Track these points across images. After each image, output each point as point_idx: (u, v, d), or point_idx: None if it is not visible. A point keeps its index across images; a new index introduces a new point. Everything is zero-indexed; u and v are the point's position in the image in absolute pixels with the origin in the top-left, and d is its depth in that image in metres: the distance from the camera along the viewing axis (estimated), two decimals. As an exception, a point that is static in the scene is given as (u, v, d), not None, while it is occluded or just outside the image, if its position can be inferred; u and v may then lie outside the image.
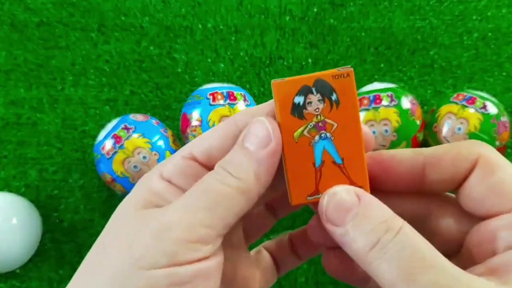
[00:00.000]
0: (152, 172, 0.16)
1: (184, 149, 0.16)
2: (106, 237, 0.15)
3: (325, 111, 0.15)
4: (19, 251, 0.34)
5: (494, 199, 0.14)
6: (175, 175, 0.15)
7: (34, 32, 0.44)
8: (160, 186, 0.15)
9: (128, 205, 0.15)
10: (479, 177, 0.14)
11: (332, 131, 0.15)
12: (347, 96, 0.15)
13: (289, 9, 0.45)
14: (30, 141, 0.40)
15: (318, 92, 0.15)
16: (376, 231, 0.13)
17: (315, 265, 0.36)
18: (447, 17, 0.45)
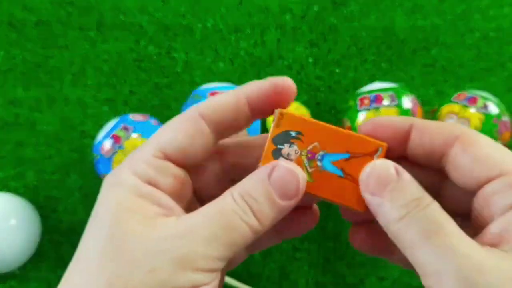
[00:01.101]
0: (124, 172, 0.15)
1: (152, 144, 0.16)
2: (90, 244, 0.14)
3: (301, 145, 0.17)
4: (17, 251, 0.34)
5: (479, 168, 0.15)
6: (153, 176, 0.15)
7: (32, 31, 0.43)
8: (145, 190, 0.15)
9: (114, 211, 0.15)
10: (461, 148, 0.15)
11: (321, 148, 0.17)
12: (297, 123, 0.17)
13: (290, 8, 0.45)
14: (29, 141, 0.40)
15: (284, 143, 0.17)
16: (408, 206, 0.15)
17: (315, 267, 0.36)
18: (448, 16, 0.45)
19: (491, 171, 0.15)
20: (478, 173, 0.15)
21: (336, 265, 0.36)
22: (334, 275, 0.36)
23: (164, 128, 0.16)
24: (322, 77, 0.43)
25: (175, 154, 0.16)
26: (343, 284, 0.36)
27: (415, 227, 0.14)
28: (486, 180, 0.15)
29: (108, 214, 0.15)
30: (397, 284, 0.36)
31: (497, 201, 0.14)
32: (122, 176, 0.15)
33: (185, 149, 0.16)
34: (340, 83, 0.43)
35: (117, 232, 0.14)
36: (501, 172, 0.15)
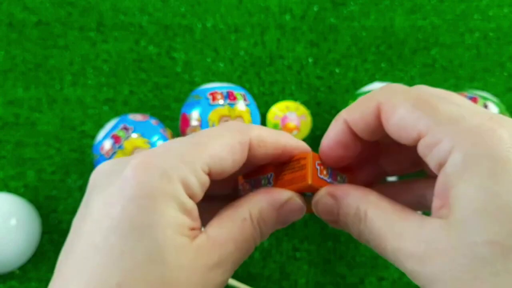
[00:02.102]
0: (174, 182, 0.14)
1: (203, 157, 0.15)
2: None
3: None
4: (17, 251, 0.34)
5: (403, 135, 0.15)
6: (198, 192, 0.15)
7: (33, 31, 0.43)
8: (189, 206, 0.15)
9: (174, 228, 0.14)
10: (384, 119, 0.16)
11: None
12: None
13: (290, 8, 0.45)
14: (29, 141, 0.40)
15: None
16: (353, 223, 0.17)
17: (315, 266, 0.36)
18: (448, 17, 0.45)
19: (412, 136, 0.15)
20: (404, 138, 0.15)
21: (336, 265, 0.36)
22: (334, 275, 0.36)
23: (214, 139, 0.16)
24: (322, 77, 0.43)
25: (217, 173, 0.16)
26: (343, 284, 0.36)
27: (371, 241, 0.16)
28: (413, 144, 0.15)
29: (159, 228, 0.14)
30: (397, 284, 0.36)
31: (428, 163, 0.15)
32: (174, 186, 0.14)
33: (227, 171, 0.16)
34: (340, 83, 0.42)
35: (159, 249, 0.14)
36: (419, 134, 0.15)
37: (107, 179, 0.15)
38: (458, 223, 0.13)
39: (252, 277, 0.36)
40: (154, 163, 0.14)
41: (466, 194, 0.13)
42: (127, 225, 0.14)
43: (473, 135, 0.13)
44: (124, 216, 0.14)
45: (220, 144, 0.16)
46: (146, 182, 0.14)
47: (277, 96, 0.42)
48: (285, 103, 0.41)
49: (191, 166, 0.15)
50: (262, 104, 0.41)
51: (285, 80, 0.43)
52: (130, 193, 0.14)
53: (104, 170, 0.16)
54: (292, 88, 0.42)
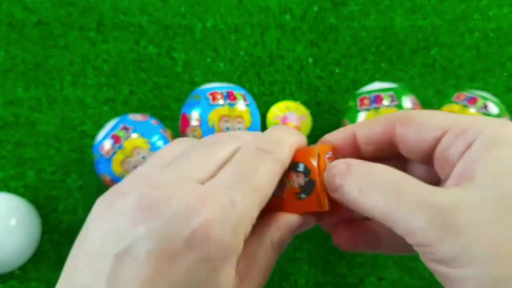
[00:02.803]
0: (238, 235, 0.15)
1: (259, 205, 0.16)
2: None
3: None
4: (17, 251, 0.34)
5: (425, 134, 0.17)
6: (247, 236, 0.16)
7: (33, 31, 0.43)
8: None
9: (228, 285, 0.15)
10: (402, 127, 0.17)
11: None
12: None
13: (290, 8, 0.45)
14: (29, 141, 0.40)
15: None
16: (361, 181, 0.16)
17: (316, 267, 0.36)
18: (448, 16, 0.45)
19: (436, 133, 0.16)
20: (426, 140, 0.16)
21: (336, 265, 0.36)
22: (334, 275, 0.36)
23: (261, 176, 0.16)
24: (322, 77, 0.43)
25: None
26: (343, 284, 0.36)
27: (378, 196, 0.15)
28: (435, 143, 0.16)
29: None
30: (397, 284, 0.36)
31: (452, 153, 0.16)
32: (238, 243, 0.15)
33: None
34: (340, 83, 0.43)
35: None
36: (444, 130, 0.16)
37: (177, 230, 0.14)
38: (483, 184, 0.14)
39: (252, 277, 0.36)
40: (224, 221, 0.14)
41: (492, 162, 0.14)
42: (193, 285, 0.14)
43: (497, 125, 0.15)
44: (191, 278, 0.14)
45: (267, 182, 0.16)
46: (217, 242, 0.14)
47: (277, 96, 0.42)
48: (285, 103, 0.41)
49: (253, 219, 0.16)
50: (262, 104, 0.41)
51: (285, 80, 0.43)
52: (200, 253, 0.14)
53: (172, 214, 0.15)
54: (292, 88, 0.42)
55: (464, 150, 0.15)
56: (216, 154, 0.17)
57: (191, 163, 0.16)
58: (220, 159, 0.17)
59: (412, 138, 0.17)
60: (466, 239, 0.13)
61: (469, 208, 0.14)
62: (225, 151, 0.17)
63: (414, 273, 0.36)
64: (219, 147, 0.17)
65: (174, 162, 0.17)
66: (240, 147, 0.17)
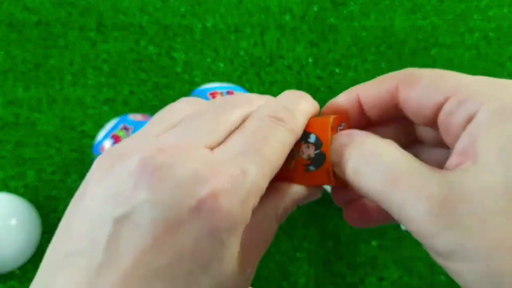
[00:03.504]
0: (251, 206, 0.15)
1: (269, 177, 0.15)
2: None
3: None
4: (17, 251, 0.34)
5: (426, 100, 0.15)
6: None
7: (33, 31, 0.43)
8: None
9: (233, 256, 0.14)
10: (405, 89, 0.16)
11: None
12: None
13: (290, 8, 0.45)
14: (29, 141, 0.40)
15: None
16: (362, 156, 0.15)
17: (316, 267, 0.36)
18: (448, 17, 0.45)
19: (439, 99, 0.15)
20: (428, 106, 0.15)
21: (336, 265, 0.36)
22: (334, 275, 0.36)
23: (272, 148, 0.15)
24: (322, 77, 0.43)
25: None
26: (343, 284, 0.36)
27: (376, 177, 0.14)
28: (437, 109, 0.15)
29: (225, 264, 0.14)
30: (397, 284, 0.36)
31: (454, 122, 0.14)
32: (247, 215, 0.14)
33: None
34: (340, 83, 0.43)
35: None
36: (446, 95, 0.15)
37: (189, 202, 0.13)
38: (488, 166, 0.13)
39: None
40: (236, 190, 0.14)
41: (498, 139, 0.13)
42: (198, 259, 0.13)
43: (504, 89, 0.14)
44: (195, 248, 0.13)
45: (278, 154, 0.15)
46: (227, 212, 0.13)
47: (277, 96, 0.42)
48: (285, 103, 0.41)
49: (263, 190, 0.15)
50: (262, 104, 0.42)
51: (285, 80, 0.43)
52: (207, 224, 0.13)
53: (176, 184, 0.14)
54: (292, 88, 0.42)
55: (466, 121, 0.14)
56: (226, 118, 0.16)
57: (199, 127, 0.15)
58: (230, 125, 0.16)
59: (415, 103, 0.16)
60: (464, 233, 0.12)
61: (469, 198, 0.13)
62: (235, 116, 0.16)
63: (414, 273, 0.36)
64: (229, 111, 0.16)
65: (181, 125, 0.15)
66: (251, 112, 0.16)
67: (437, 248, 0.13)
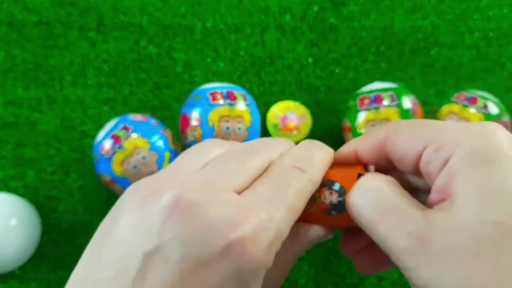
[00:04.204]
0: (273, 252, 0.15)
1: (291, 222, 0.16)
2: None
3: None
4: (17, 251, 0.34)
5: (406, 152, 0.17)
6: None
7: (33, 31, 0.43)
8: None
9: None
10: (389, 143, 0.17)
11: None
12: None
13: (290, 8, 0.45)
14: (29, 141, 0.40)
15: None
16: (366, 192, 0.17)
17: (316, 267, 0.36)
18: (448, 17, 0.45)
19: (418, 149, 0.16)
20: (409, 156, 0.17)
21: (336, 265, 0.37)
22: (334, 275, 0.36)
23: (294, 194, 0.16)
24: (322, 77, 0.43)
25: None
26: (343, 284, 0.36)
27: (366, 210, 0.16)
28: (417, 158, 0.16)
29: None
30: (397, 284, 0.36)
31: (432, 168, 0.16)
32: (270, 260, 0.15)
33: None
34: (340, 83, 0.43)
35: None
36: (424, 144, 0.16)
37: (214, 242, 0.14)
38: (462, 206, 0.14)
39: (252, 277, 0.36)
40: (263, 236, 0.14)
41: (470, 181, 0.14)
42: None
43: (476, 134, 0.15)
44: (219, 286, 0.14)
45: (298, 200, 0.16)
46: (253, 257, 0.14)
47: (277, 96, 0.42)
48: (285, 103, 0.41)
49: (285, 235, 0.15)
50: (262, 104, 0.42)
51: (285, 80, 0.43)
52: (233, 266, 0.14)
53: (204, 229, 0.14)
54: (292, 88, 0.43)
55: (442, 166, 0.15)
56: (251, 164, 0.16)
57: (227, 171, 0.16)
58: (255, 171, 0.16)
59: (399, 153, 0.17)
60: (438, 269, 0.13)
61: (445, 235, 0.13)
62: (259, 162, 0.17)
63: (414, 273, 0.36)
64: (254, 157, 0.17)
65: (210, 166, 0.16)
66: (273, 159, 0.17)
67: (414, 281, 0.14)
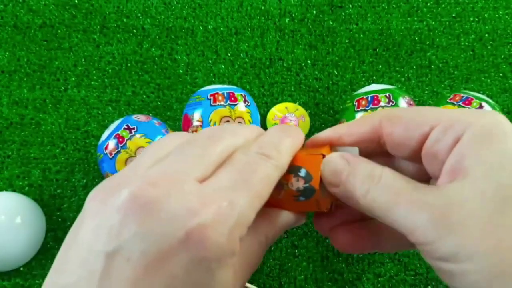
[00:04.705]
0: (234, 238, 0.14)
1: (256, 208, 0.16)
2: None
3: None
4: (23, 249, 0.34)
5: (413, 131, 0.17)
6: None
7: (37, 33, 0.44)
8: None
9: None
10: (389, 125, 0.17)
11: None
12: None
13: (289, 11, 0.45)
14: (34, 141, 0.40)
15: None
16: (364, 181, 0.16)
17: (314, 263, 0.37)
18: (444, 19, 0.45)
19: (424, 129, 0.16)
20: (413, 137, 0.16)
21: (335, 261, 0.37)
22: (332, 272, 0.37)
23: (260, 179, 0.16)
24: (320, 78, 0.43)
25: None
26: (341, 280, 0.36)
27: (379, 197, 0.16)
28: (423, 139, 0.16)
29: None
30: (394, 280, 0.36)
31: (440, 148, 0.16)
32: (234, 245, 0.14)
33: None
34: (338, 85, 0.43)
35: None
36: (431, 125, 0.16)
37: (177, 227, 0.14)
38: (479, 176, 0.14)
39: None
40: (222, 222, 0.14)
41: (485, 155, 0.14)
42: (188, 284, 0.14)
43: (485, 116, 0.15)
44: (186, 278, 0.13)
45: (264, 183, 0.16)
46: (213, 243, 0.14)
47: (276, 97, 0.42)
48: (284, 104, 0.41)
49: (250, 220, 0.15)
50: (262, 105, 0.42)
51: (285, 81, 0.43)
52: (195, 254, 0.14)
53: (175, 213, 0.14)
54: (291, 89, 0.43)
55: (453, 144, 0.15)
56: (213, 151, 0.16)
57: (189, 160, 0.15)
58: (218, 158, 0.16)
59: (400, 136, 0.17)
60: (463, 236, 0.13)
61: (464, 205, 0.14)
62: (222, 148, 0.16)
63: (410, 270, 0.37)
64: (216, 143, 0.16)
65: (170, 157, 0.16)
66: (238, 145, 0.17)
67: (440, 253, 0.14)
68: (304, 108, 0.41)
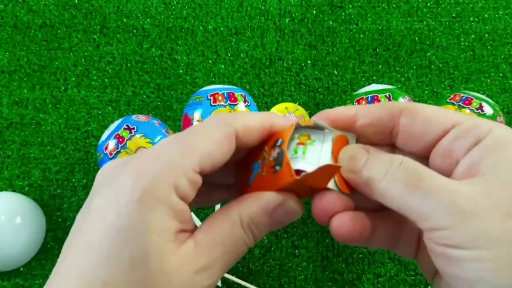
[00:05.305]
0: (164, 186, 0.15)
1: (193, 157, 0.16)
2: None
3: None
4: (23, 249, 0.35)
5: (435, 125, 0.17)
6: (190, 193, 0.16)
7: (37, 33, 0.44)
8: (179, 208, 0.15)
9: (159, 234, 0.15)
10: (409, 117, 0.17)
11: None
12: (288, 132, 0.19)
13: (289, 11, 0.45)
14: (34, 141, 0.40)
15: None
16: (385, 165, 0.16)
17: (314, 263, 0.37)
18: (444, 19, 0.45)
19: (446, 125, 0.17)
20: (433, 130, 0.17)
21: (335, 262, 0.37)
22: (332, 272, 0.37)
23: (201, 136, 0.16)
24: (320, 78, 0.43)
25: (208, 169, 0.16)
26: (341, 280, 0.36)
27: (398, 180, 0.16)
28: (442, 134, 0.17)
29: (144, 234, 0.14)
30: (393, 280, 0.37)
31: (459, 145, 0.16)
32: (163, 191, 0.15)
33: (217, 165, 0.17)
34: (338, 85, 0.43)
35: (145, 257, 0.14)
36: (454, 123, 0.16)
37: (108, 180, 0.16)
38: (495, 177, 0.15)
39: (252, 273, 0.36)
40: (146, 169, 0.15)
41: (504, 159, 0.15)
42: (116, 229, 0.14)
43: (503, 126, 0.16)
44: (115, 220, 0.14)
45: (207, 141, 0.16)
46: (138, 188, 0.15)
47: (276, 97, 0.43)
48: (284, 104, 0.41)
49: (182, 169, 0.15)
50: (262, 105, 0.42)
51: (285, 81, 0.43)
52: (123, 198, 0.15)
53: (106, 171, 0.16)
54: (291, 89, 0.43)
55: (472, 145, 0.16)
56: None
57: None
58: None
59: (419, 128, 0.17)
60: (481, 223, 0.14)
61: (483, 198, 0.14)
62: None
63: (410, 270, 0.37)
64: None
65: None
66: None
67: (455, 239, 0.14)
68: (304, 108, 0.41)
